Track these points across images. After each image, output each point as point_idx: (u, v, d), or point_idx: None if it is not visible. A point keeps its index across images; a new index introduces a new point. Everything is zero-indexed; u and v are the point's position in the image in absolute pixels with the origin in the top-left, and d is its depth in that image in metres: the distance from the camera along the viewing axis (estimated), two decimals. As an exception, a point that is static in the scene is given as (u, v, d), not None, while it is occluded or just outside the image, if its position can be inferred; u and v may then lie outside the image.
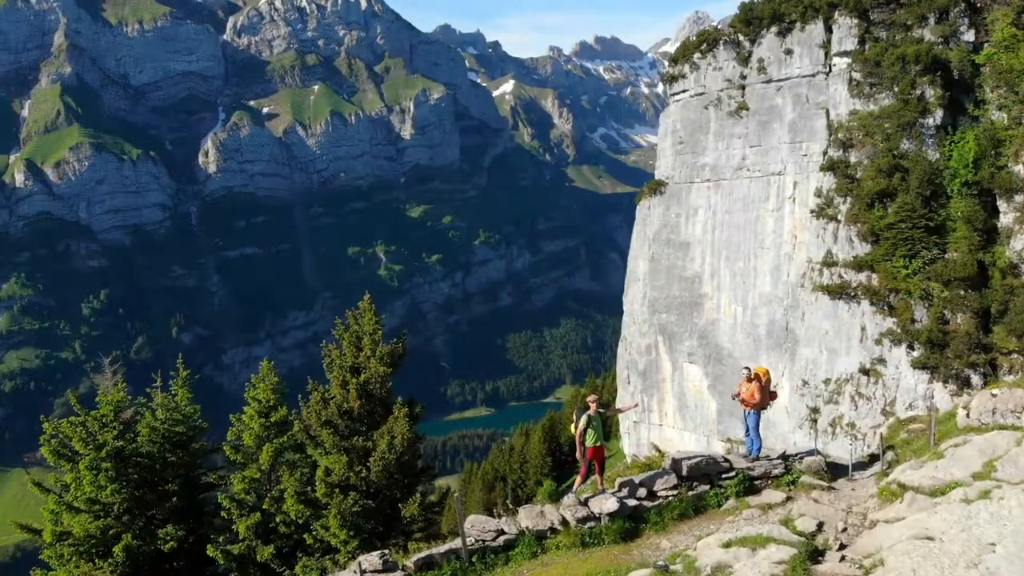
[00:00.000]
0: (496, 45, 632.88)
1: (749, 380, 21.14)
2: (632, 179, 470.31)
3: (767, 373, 21.62)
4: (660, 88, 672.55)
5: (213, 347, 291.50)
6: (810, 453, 20.85)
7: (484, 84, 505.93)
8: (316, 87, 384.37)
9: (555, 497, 67.06)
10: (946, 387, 38.37)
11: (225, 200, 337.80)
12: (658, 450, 29.81)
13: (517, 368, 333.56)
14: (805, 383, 45.47)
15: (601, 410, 19.23)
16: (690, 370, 60.01)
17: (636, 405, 22.41)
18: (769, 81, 52.56)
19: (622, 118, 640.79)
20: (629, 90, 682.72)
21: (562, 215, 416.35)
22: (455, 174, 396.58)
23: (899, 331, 39.77)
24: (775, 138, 52.21)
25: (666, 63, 70.19)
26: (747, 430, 21.54)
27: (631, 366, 65.28)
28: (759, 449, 20.69)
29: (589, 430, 18.78)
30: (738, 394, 21.36)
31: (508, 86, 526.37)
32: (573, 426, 19.04)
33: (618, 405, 64.74)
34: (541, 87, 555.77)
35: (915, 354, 39.20)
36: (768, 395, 21.17)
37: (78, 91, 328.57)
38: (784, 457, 20.29)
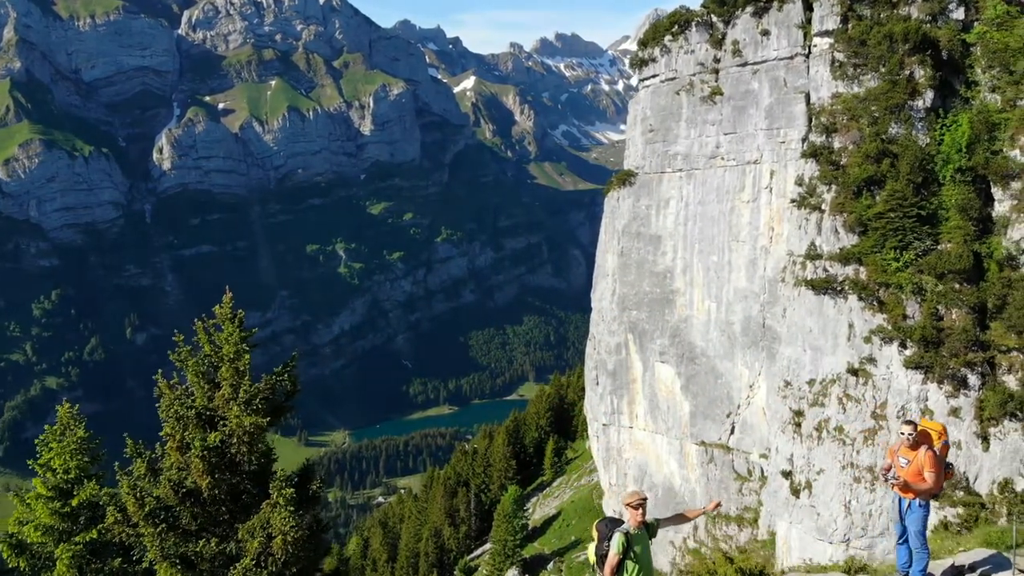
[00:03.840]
0: (457, 41, 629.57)
1: (913, 446, 13.01)
2: (594, 176, 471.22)
3: (944, 432, 13.41)
4: (620, 85, 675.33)
5: (168, 348, 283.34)
6: (994, 564, 13.55)
7: (445, 80, 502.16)
8: (273, 82, 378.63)
9: (520, 503, 63.55)
10: (941, 388, 35.73)
11: (180, 197, 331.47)
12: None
13: (480, 366, 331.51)
14: (787, 384, 42.67)
15: (652, 521, 11.13)
16: (662, 370, 57.23)
17: (719, 504, 13.45)
18: (744, 64, 49.77)
19: (583, 115, 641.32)
20: (590, 87, 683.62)
21: (524, 212, 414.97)
22: (416, 171, 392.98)
23: (890, 328, 37.06)
24: (751, 124, 49.48)
25: (627, 60, 67.23)
26: (901, 533, 13.61)
27: (600, 366, 62.36)
28: (925, 569, 13.28)
29: (628, 563, 10.68)
30: (888, 469, 13.52)
31: (469, 82, 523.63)
32: (593, 547, 11.18)
33: (681, 510, 46.25)
34: (502, 84, 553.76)
35: (907, 353, 36.50)
36: (944, 471, 13.32)
37: (28, 86, 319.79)
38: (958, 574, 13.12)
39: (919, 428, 13.10)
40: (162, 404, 13.44)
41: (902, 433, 13.14)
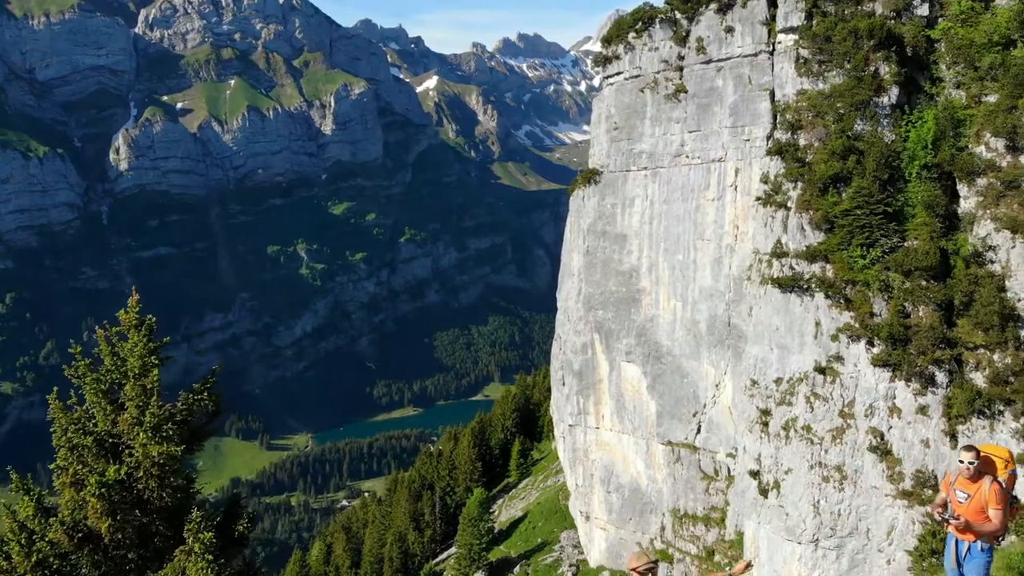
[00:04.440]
0: (419, 40, 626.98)
1: (974, 477, 10.58)
2: (557, 176, 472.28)
3: (1011, 460, 10.86)
4: (583, 86, 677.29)
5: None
6: None
7: (407, 80, 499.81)
8: (232, 81, 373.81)
9: (486, 506, 62.50)
10: (909, 386, 35.55)
11: (138, 198, 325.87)
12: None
13: (445, 367, 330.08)
14: (754, 383, 42.33)
15: None
16: (628, 369, 56.69)
17: (749, 565, 11.55)
18: (709, 62, 49.37)
19: (546, 115, 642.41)
20: (552, 88, 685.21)
21: (488, 212, 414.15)
22: (378, 170, 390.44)
23: (857, 326, 36.80)
24: (715, 122, 49.08)
25: (589, 60, 66.62)
26: None
27: (566, 366, 61.70)
28: None
29: None
30: (943, 505, 11.03)
31: (431, 82, 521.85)
32: None
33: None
34: (465, 83, 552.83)
35: (875, 351, 36.26)
36: (1011, 506, 10.77)
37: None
38: None
39: (981, 455, 10.64)
40: (55, 430, 10.79)
41: (961, 461, 10.59)
